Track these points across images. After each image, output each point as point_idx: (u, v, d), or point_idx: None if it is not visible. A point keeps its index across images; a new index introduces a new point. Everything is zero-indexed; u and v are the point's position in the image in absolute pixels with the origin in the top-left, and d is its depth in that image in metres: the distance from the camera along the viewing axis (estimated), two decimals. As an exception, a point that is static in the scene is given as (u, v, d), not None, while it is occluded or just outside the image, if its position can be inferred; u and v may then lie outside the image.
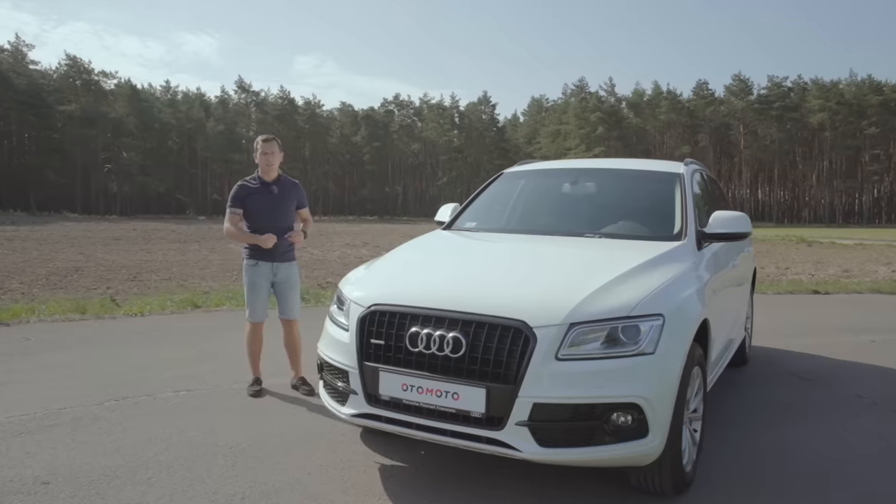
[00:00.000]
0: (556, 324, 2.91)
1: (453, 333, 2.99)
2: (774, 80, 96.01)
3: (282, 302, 5.07)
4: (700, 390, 3.55)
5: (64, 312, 7.71)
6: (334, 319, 3.58)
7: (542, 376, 2.86)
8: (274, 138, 5.12)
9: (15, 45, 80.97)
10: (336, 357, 3.41)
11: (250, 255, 4.99)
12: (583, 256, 3.77)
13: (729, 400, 4.96)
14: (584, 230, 4.19)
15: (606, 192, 4.73)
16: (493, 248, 4.19)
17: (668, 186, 4.42)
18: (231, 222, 4.96)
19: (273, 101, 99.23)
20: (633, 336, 2.95)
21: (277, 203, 5.00)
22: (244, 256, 5.03)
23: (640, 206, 4.47)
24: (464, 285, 3.33)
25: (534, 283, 3.28)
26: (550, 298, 3.05)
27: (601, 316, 2.95)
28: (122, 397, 4.77)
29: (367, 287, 3.51)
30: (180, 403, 4.68)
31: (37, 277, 16.98)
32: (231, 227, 4.96)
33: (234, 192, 5.00)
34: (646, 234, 4.12)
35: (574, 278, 3.30)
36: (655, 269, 3.41)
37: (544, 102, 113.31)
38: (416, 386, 3.06)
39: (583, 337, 2.92)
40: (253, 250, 4.97)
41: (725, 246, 4.48)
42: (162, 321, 7.65)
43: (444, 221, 4.81)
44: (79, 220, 53.47)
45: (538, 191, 5.01)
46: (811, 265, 21.01)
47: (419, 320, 3.11)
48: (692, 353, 3.23)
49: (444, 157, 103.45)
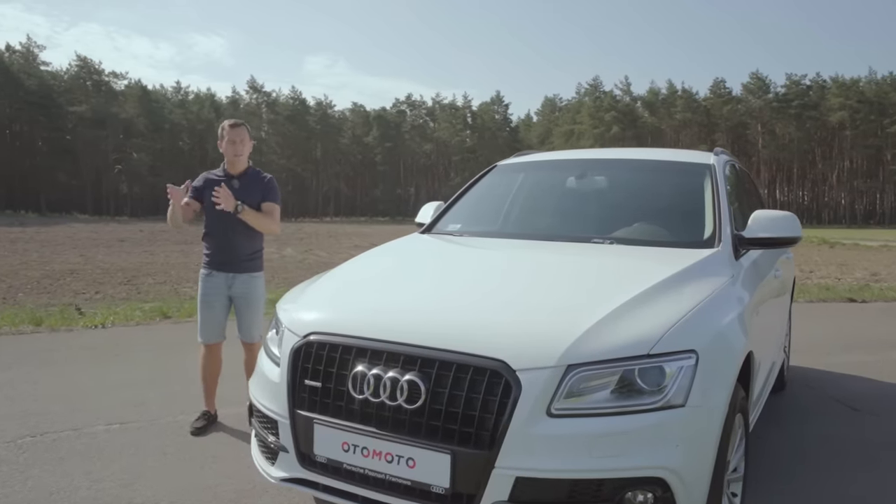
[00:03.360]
0: (548, 365, 2.10)
1: (409, 376, 2.19)
2: (793, 78, 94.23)
3: (239, 320, 4.27)
4: (742, 442, 2.72)
5: (16, 324, 6.97)
6: (267, 350, 2.79)
7: (529, 439, 2.05)
8: (243, 123, 4.31)
9: (26, 45, 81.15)
10: (264, 401, 2.61)
11: (204, 261, 4.23)
12: (588, 269, 2.94)
13: (771, 439, 4.10)
14: (592, 234, 3.36)
15: (620, 187, 3.87)
16: (477, 259, 3.35)
17: (696, 180, 3.59)
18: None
19: (284, 102, 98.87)
20: (655, 382, 2.13)
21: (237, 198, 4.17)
22: (202, 264, 4.28)
23: (661, 204, 3.63)
24: (427, 309, 2.51)
25: (520, 308, 2.44)
26: (541, 329, 2.23)
27: (611, 354, 2.13)
28: (41, 432, 4.01)
29: (304, 308, 2.71)
30: (107, 441, 3.90)
31: (28, 281, 16.47)
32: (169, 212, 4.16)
33: (193, 183, 4.24)
34: (668, 240, 3.30)
35: (575, 300, 2.48)
36: (683, 286, 2.57)
37: (558, 102, 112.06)
38: (361, 446, 2.26)
39: (585, 384, 2.11)
40: (208, 257, 4.21)
41: (765, 252, 3.65)
42: (123, 334, 6.88)
43: (424, 223, 4.01)
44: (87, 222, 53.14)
45: (538, 187, 4.18)
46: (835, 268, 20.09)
47: (366, 356, 2.31)
48: (735, 399, 2.41)
49: (456, 157, 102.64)
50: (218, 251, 4.19)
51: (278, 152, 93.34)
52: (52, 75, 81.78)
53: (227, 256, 4.18)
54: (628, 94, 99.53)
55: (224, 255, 4.17)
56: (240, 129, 4.23)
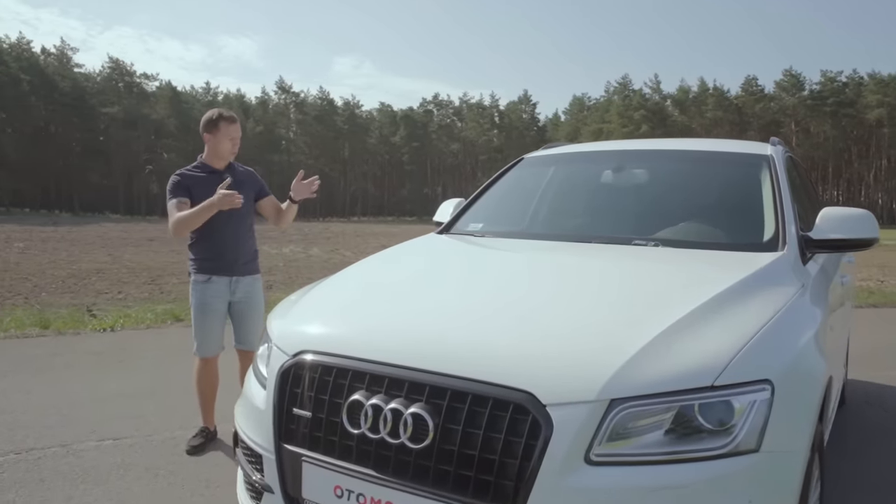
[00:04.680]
0: (586, 400, 1.68)
1: (415, 408, 1.79)
2: (828, 75, 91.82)
3: (240, 328, 3.91)
4: (818, 485, 2.27)
5: (22, 327, 6.71)
6: (256, 369, 2.41)
7: (563, 492, 1.63)
8: (237, 119, 3.95)
9: (60, 48, 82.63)
10: (248, 431, 2.23)
11: (200, 267, 3.83)
12: (631, 277, 2.47)
13: (842, 473, 3.59)
14: (632, 235, 2.92)
15: (663, 181, 3.40)
16: (501, 264, 2.89)
17: (753, 173, 3.13)
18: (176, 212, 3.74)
19: (312, 102, 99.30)
20: (721, 421, 1.69)
21: None
22: (192, 270, 3.87)
23: (711, 200, 3.17)
24: (439, 325, 2.08)
25: (552, 325, 2.00)
26: (578, 353, 1.81)
27: (665, 386, 1.69)
28: (27, 449, 3.69)
29: (295, 321, 2.32)
30: (95, 460, 3.56)
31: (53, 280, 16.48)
32: (179, 215, 3.66)
33: (174, 182, 3.79)
34: (722, 242, 2.85)
35: (618, 316, 2.04)
36: (748, 299, 2.12)
37: (586, 101, 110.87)
38: (356, 492, 1.87)
39: (633, 423, 1.68)
40: (204, 261, 3.82)
41: (829, 255, 3.18)
42: (131, 338, 6.58)
43: (443, 222, 3.60)
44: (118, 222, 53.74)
45: (570, 181, 3.74)
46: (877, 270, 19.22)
47: (364, 381, 1.91)
48: (816, 438, 1.97)
49: (483, 156, 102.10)
50: (221, 254, 3.80)
51: (306, 152, 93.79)
52: (85, 77, 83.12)
53: (232, 259, 3.81)
54: (658, 93, 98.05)
55: (229, 257, 3.80)
56: (237, 125, 3.89)
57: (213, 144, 3.82)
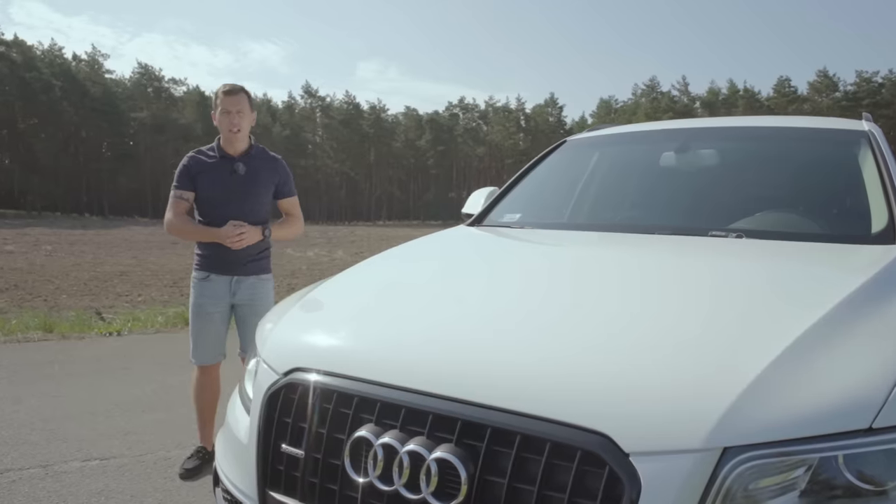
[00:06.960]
0: (688, 448, 1.15)
1: (442, 452, 1.29)
2: (863, 76, 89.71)
3: (243, 334, 3.43)
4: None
5: (25, 331, 6.35)
6: (241, 389, 1.94)
7: (655, 582, 1.12)
8: (242, 89, 3.36)
9: (91, 55, 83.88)
10: (228, 471, 1.75)
11: (201, 263, 3.39)
12: (723, 277, 1.89)
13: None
14: (706, 225, 2.39)
15: (738, 163, 2.83)
16: (544, 262, 2.33)
17: (849, 152, 2.59)
18: (175, 211, 3.34)
19: (338, 106, 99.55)
20: (879, 477, 1.17)
21: (242, 188, 3.33)
22: (194, 266, 3.45)
23: (800, 184, 2.62)
24: (473, 340, 1.55)
25: (629, 343, 1.45)
26: (672, 383, 1.28)
27: (800, 430, 1.16)
28: (4, 469, 3.27)
29: (290, 330, 1.83)
30: (75, 485, 3.13)
31: (76, 282, 16.44)
32: (174, 220, 3.31)
33: (181, 168, 3.36)
34: (818, 233, 2.31)
35: (719, 331, 1.48)
36: (884, 306, 1.58)
37: (613, 104, 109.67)
38: (361, 563, 1.38)
39: (756, 481, 1.15)
40: (204, 257, 3.38)
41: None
42: (137, 343, 6.17)
43: (473, 214, 3.10)
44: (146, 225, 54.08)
45: (623, 165, 3.21)
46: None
47: (374, 411, 1.42)
48: None
49: (509, 160, 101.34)
50: (219, 249, 3.33)
51: (332, 156, 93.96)
52: (115, 83, 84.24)
53: (233, 255, 3.34)
54: (686, 95, 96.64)
55: (228, 253, 3.33)
56: (238, 97, 3.31)
57: (217, 123, 3.37)
